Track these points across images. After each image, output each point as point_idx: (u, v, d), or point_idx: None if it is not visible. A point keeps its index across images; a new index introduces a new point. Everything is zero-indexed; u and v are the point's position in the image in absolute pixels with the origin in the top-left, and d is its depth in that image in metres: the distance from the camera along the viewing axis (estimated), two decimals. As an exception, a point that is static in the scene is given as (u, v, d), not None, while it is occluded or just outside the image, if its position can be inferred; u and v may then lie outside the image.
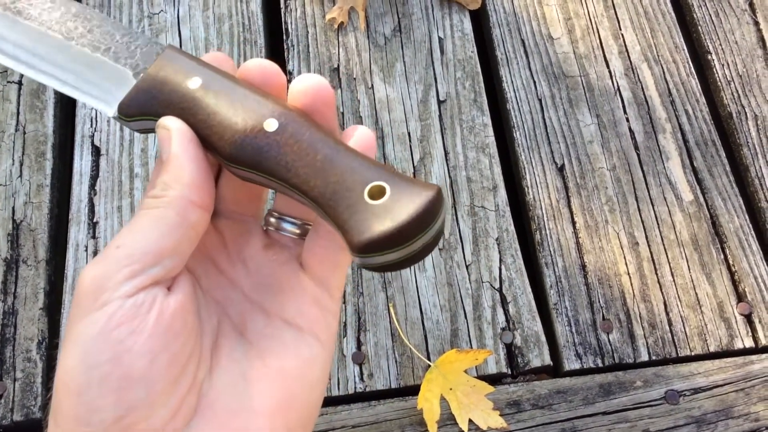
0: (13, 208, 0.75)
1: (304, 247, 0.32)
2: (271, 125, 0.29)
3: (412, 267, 0.71)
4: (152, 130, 0.32)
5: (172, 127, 0.29)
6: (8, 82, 0.81)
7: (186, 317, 0.28)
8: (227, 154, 0.29)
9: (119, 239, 0.27)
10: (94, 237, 0.73)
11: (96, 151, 0.78)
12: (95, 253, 0.72)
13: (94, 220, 0.74)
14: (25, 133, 0.79)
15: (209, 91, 0.30)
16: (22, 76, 0.81)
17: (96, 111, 0.80)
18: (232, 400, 0.28)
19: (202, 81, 0.30)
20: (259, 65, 0.31)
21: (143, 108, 0.31)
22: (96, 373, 0.25)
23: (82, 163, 0.77)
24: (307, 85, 0.30)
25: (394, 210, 0.26)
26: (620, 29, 0.86)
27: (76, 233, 0.73)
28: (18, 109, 0.80)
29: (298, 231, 0.33)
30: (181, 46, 0.84)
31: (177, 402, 0.27)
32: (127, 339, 0.25)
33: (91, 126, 0.79)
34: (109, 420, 0.25)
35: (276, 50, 0.87)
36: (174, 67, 0.31)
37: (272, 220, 0.33)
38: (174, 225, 0.27)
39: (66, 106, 0.82)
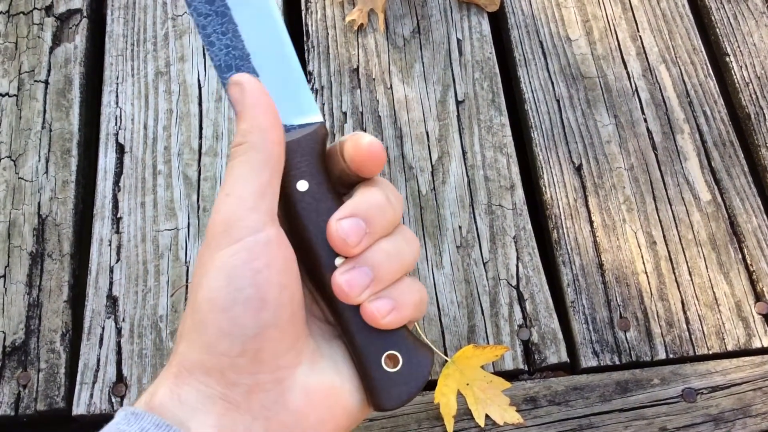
0: (39, 203, 0.76)
1: None
2: None
3: (429, 264, 0.72)
4: None
5: (243, 81, 0.34)
6: (35, 81, 0.83)
7: (295, 270, 0.33)
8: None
9: (226, 188, 0.32)
10: (117, 232, 0.74)
11: (120, 149, 0.79)
12: (119, 247, 0.73)
13: (118, 216, 0.75)
14: (51, 130, 0.80)
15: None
16: (48, 74, 0.83)
17: (120, 110, 0.81)
18: (330, 378, 0.34)
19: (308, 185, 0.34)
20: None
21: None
22: (241, 295, 0.30)
23: (106, 160, 0.79)
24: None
25: (410, 378, 0.33)
26: (638, 31, 0.86)
27: (101, 228, 0.75)
28: (44, 108, 0.82)
29: None
30: (203, 46, 0.85)
31: (292, 338, 0.32)
32: (264, 270, 0.31)
33: (116, 124, 0.81)
34: (250, 334, 0.30)
35: (296, 51, 0.88)
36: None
37: None
38: (262, 161, 0.32)
39: (91, 105, 0.84)
